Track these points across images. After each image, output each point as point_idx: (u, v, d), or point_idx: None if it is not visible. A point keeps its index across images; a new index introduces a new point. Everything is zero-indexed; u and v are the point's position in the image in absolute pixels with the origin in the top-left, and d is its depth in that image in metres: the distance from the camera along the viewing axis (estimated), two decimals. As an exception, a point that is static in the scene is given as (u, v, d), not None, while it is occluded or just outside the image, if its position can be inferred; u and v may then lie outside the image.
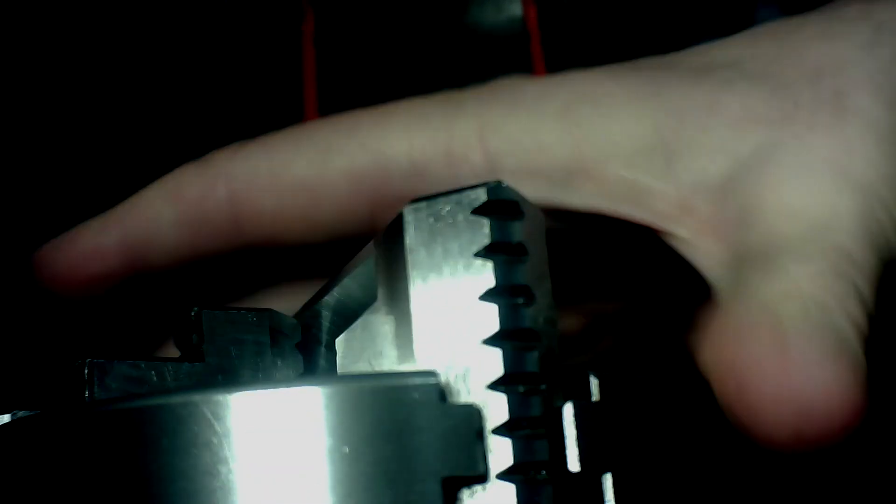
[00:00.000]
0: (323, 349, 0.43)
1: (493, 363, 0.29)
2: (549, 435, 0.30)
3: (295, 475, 0.27)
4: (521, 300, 0.30)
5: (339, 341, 0.41)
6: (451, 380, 0.29)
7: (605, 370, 0.32)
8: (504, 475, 0.28)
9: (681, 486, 0.39)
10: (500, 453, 0.29)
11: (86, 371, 0.37)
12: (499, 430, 0.29)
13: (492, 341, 0.29)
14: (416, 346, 0.30)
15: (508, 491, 0.28)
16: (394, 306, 0.34)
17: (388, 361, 0.34)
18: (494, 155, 0.44)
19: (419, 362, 0.30)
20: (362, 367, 0.38)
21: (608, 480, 0.31)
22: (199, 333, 0.41)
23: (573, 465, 0.30)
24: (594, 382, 0.32)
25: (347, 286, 0.42)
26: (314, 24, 0.73)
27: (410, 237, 0.31)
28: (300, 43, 0.73)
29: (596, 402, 0.31)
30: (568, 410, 0.30)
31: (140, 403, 0.29)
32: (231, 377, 0.41)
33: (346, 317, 0.42)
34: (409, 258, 0.31)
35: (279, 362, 0.43)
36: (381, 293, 0.35)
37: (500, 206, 0.31)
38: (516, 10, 0.76)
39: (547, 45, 0.74)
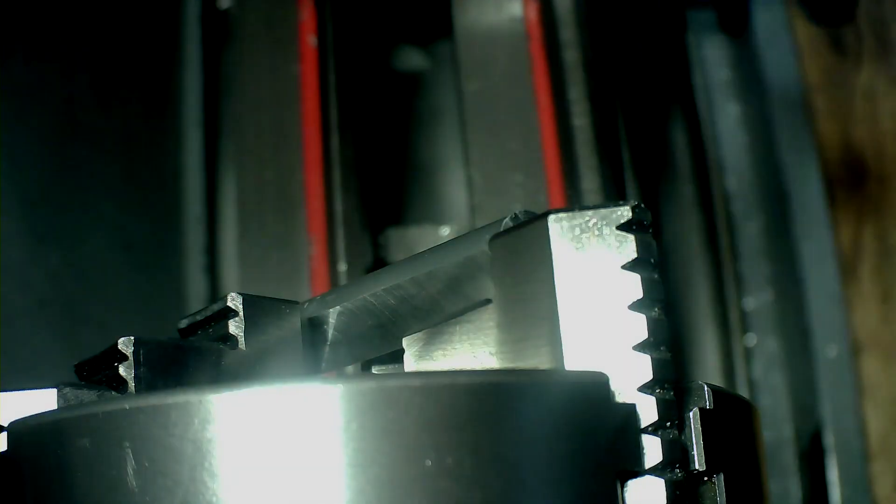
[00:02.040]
0: (327, 346, 0.45)
1: (643, 368, 0.32)
2: (681, 436, 0.33)
3: (475, 466, 0.29)
4: (662, 312, 0.33)
5: (412, 340, 0.43)
6: (602, 380, 0.32)
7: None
8: (653, 471, 0.31)
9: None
10: (651, 451, 0.31)
11: (131, 350, 0.39)
12: (647, 430, 0.32)
13: (641, 348, 0.32)
14: (566, 347, 0.33)
15: (659, 486, 0.31)
16: (514, 307, 0.36)
17: (500, 359, 0.37)
18: None
19: (568, 362, 0.33)
20: (451, 363, 0.40)
21: (721, 480, 0.34)
22: (238, 318, 0.42)
23: (699, 464, 0.33)
24: (708, 392, 0.35)
25: (404, 287, 0.43)
26: (314, 24, 0.74)
27: (557, 244, 0.34)
28: (299, 41, 0.74)
29: (711, 410, 0.34)
30: (695, 416, 0.33)
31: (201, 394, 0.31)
32: (270, 365, 0.43)
33: (384, 317, 0.44)
34: (556, 264, 0.34)
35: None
36: (496, 294, 0.37)
37: (642, 224, 0.33)
38: (516, 10, 0.78)
39: (547, 45, 0.76)
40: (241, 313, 0.42)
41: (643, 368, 0.32)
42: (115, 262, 0.70)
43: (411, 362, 0.44)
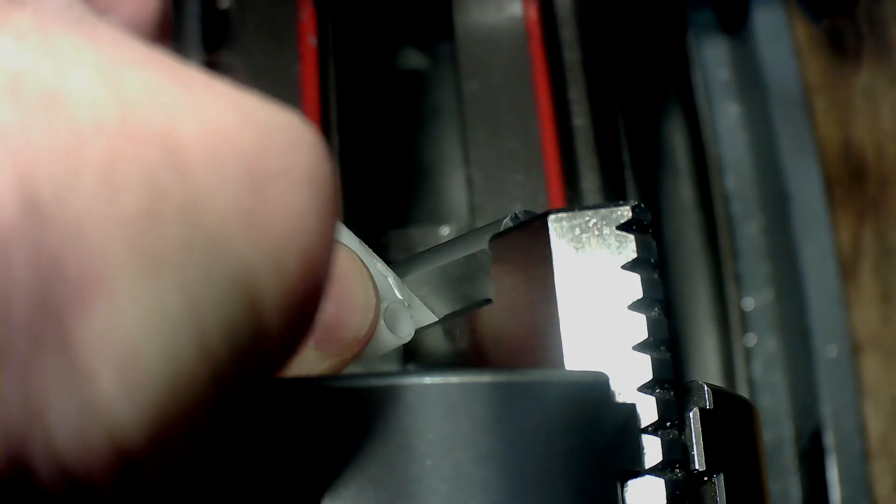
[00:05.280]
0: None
1: (643, 368, 0.32)
2: (681, 436, 0.33)
3: (475, 466, 0.29)
4: (662, 312, 0.33)
5: (411, 339, 0.43)
6: (602, 380, 0.32)
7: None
8: (653, 471, 0.31)
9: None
10: (650, 450, 0.31)
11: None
12: (647, 430, 0.32)
13: (641, 348, 0.32)
14: (566, 347, 0.33)
15: (659, 485, 0.31)
16: (514, 307, 0.36)
17: (500, 359, 0.37)
18: None
19: (568, 362, 0.33)
20: (451, 363, 0.40)
21: (720, 480, 0.34)
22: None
23: (699, 464, 0.33)
24: (708, 392, 0.35)
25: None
26: (314, 24, 0.74)
27: (557, 244, 0.34)
28: (299, 41, 0.74)
29: (711, 410, 0.34)
30: (695, 416, 0.33)
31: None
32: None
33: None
34: (556, 264, 0.34)
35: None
36: (496, 294, 0.37)
37: (642, 224, 0.34)
38: (516, 10, 0.78)
39: (547, 45, 0.76)
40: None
41: (643, 368, 0.32)
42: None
43: (410, 362, 0.44)
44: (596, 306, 0.33)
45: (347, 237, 0.41)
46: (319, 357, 0.33)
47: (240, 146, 0.24)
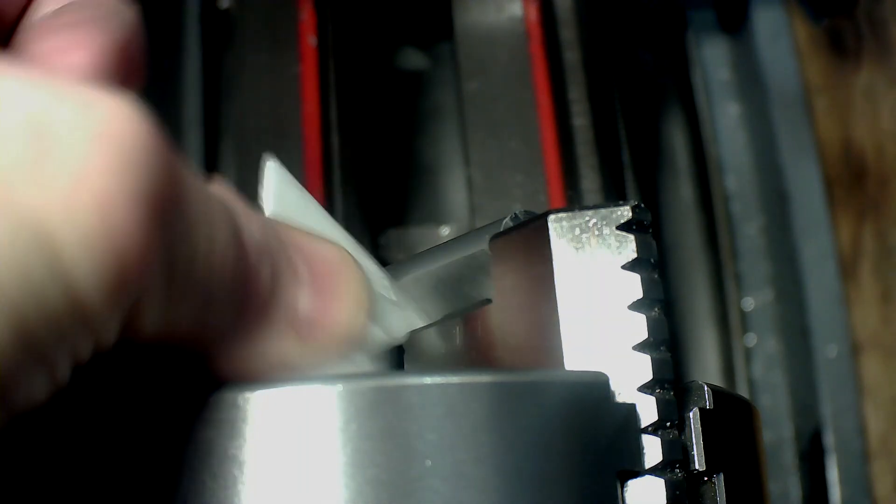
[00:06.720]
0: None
1: (643, 368, 0.32)
2: (681, 437, 0.33)
3: (475, 466, 0.29)
4: (662, 312, 0.33)
5: (411, 339, 0.43)
6: (602, 380, 0.32)
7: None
8: (653, 471, 0.31)
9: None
10: (650, 451, 0.32)
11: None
12: (647, 430, 0.32)
13: (641, 348, 0.32)
14: (566, 347, 0.33)
15: (659, 485, 0.31)
16: (513, 307, 0.36)
17: (500, 359, 0.37)
18: None
19: (568, 362, 0.33)
20: (451, 363, 0.40)
21: (721, 480, 0.34)
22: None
23: (699, 464, 0.33)
24: (708, 392, 0.35)
25: (404, 286, 0.44)
26: (314, 24, 0.74)
27: (557, 244, 0.34)
28: (299, 41, 0.74)
29: (711, 410, 0.34)
30: (695, 416, 0.33)
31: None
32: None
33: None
34: (556, 264, 0.34)
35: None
36: (496, 294, 0.37)
37: (642, 224, 0.34)
38: (516, 10, 0.78)
39: (547, 45, 0.76)
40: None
41: (643, 368, 0.32)
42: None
43: (410, 362, 0.44)
44: (596, 306, 0.33)
45: (340, 236, 0.41)
46: (301, 346, 0.33)
47: (23, 104, 0.26)
